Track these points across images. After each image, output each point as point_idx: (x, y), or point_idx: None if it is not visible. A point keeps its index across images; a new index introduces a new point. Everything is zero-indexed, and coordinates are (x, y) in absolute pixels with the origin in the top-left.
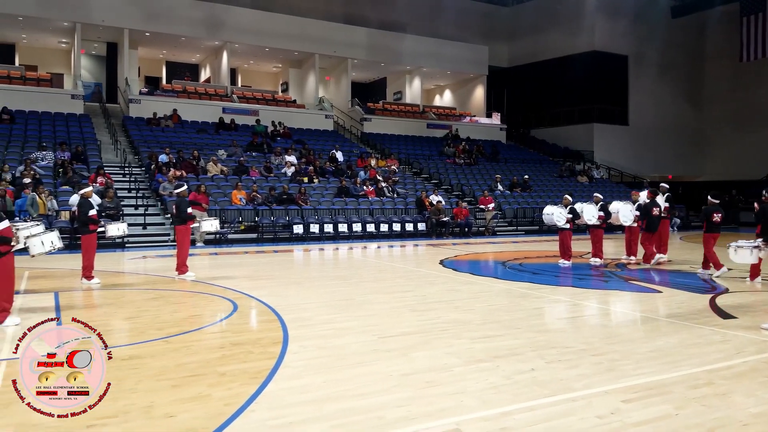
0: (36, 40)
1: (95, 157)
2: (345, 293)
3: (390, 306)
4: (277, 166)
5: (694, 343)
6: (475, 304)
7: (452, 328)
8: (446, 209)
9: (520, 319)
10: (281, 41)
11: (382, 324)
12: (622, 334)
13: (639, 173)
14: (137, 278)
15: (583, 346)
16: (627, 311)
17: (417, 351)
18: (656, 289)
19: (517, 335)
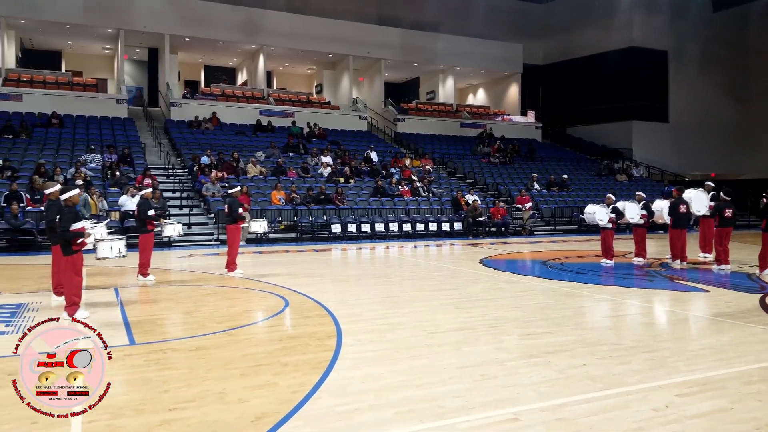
0: (81, 47)
1: (140, 159)
2: (390, 291)
3: (437, 303)
4: (314, 167)
5: (746, 341)
6: (520, 302)
7: (500, 324)
8: (482, 209)
9: (567, 317)
10: (315, 43)
11: (432, 320)
12: (671, 332)
13: (680, 171)
14: (189, 275)
15: (633, 343)
16: (674, 310)
17: (468, 346)
18: (703, 289)
19: (566, 332)
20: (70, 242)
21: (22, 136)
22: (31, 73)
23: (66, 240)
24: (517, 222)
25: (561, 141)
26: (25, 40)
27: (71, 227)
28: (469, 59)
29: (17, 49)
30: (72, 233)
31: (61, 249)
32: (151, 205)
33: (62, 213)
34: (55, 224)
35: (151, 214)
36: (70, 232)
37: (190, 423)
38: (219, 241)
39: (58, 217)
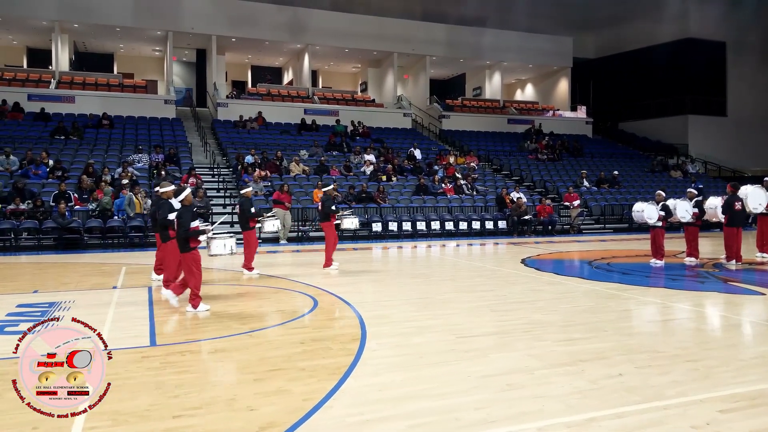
0: (132, 49)
1: (186, 159)
2: (424, 291)
3: (470, 305)
4: (357, 165)
5: None
6: (558, 305)
7: (534, 329)
8: (528, 207)
9: (608, 321)
10: (360, 41)
11: (462, 323)
12: (720, 339)
13: (739, 167)
14: (225, 274)
15: (676, 351)
16: (726, 314)
17: (497, 352)
18: (759, 291)
19: (604, 338)
20: (188, 240)
21: (73, 137)
22: (84, 75)
23: (185, 238)
24: (565, 220)
25: (613, 136)
26: (79, 44)
27: (190, 226)
28: (517, 54)
29: (71, 53)
30: (192, 231)
31: (179, 246)
32: (252, 203)
33: (180, 212)
34: (166, 222)
35: (253, 212)
36: (190, 231)
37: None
38: (260, 239)
39: (171, 215)
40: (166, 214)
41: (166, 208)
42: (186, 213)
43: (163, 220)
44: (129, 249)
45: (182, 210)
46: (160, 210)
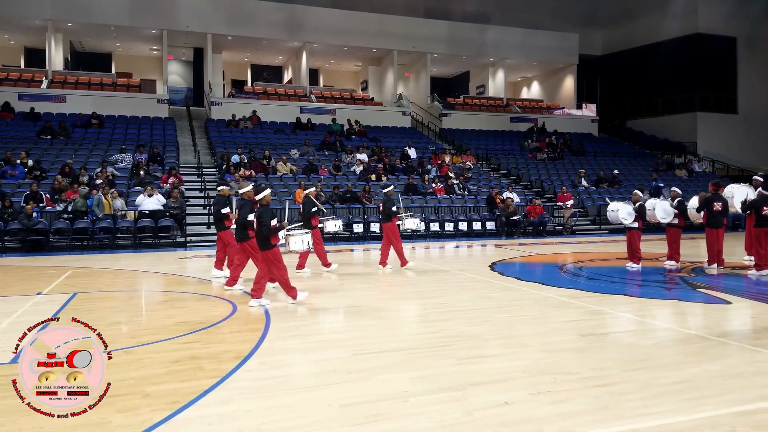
0: (130, 49)
1: (172, 159)
2: (362, 299)
3: (401, 315)
4: (348, 165)
5: (740, 372)
6: (497, 314)
7: (451, 343)
8: (517, 207)
9: (538, 334)
10: (359, 39)
11: (375, 337)
12: (652, 357)
13: (750, 165)
14: (166, 280)
15: (592, 373)
16: (675, 327)
17: (385, 373)
18: (726, 300)
19: (521, 355)
20: (269, 238)
21: (60, 137)
22: (77, 75)
23: (266, 236)
24: (559, 221)
25: (620, 135)
26: (75, 43)
27: (271, 224)
28: (521, 51)
29: (66, 52)
30: (273, 229)
31: (259, 244)
32: (314, 204)
33: (261, 212)
34: (246, 222)
35: (314, 211)
36: (271, 229)
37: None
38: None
39: (251, 215)
40: (246, 215)
41: (247, 209)
42: (266, 212)
43: (243, 220)
44: (97, 251)
45: (261, 210)
46: (241, 209)
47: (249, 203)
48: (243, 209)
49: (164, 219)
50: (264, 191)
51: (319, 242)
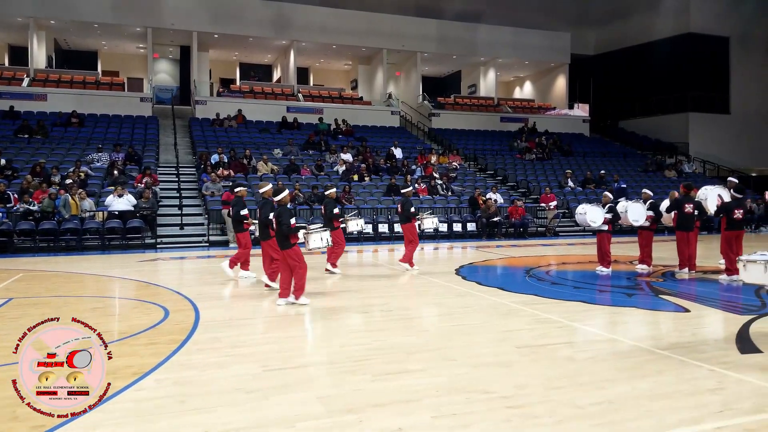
0: (116, 47)
1: (151, 158)
2: (305, 306)
3: (335, 324)
4: (332, 165)
5: (670, 392)
6: (439, 323)
7: (373, 357)
8: (498, 208)
9: (472, 345)
10: (348, 38)
11: (294, 350)
12: (583, 373)
13: (742, 166)
14: (114, 284)
15: (511, 391)
16: (620, 338)
17: (286, 393)
18: (685, 308)
19: (443, 370)
20: (289, 237)
21: (38, 136)
22: (59, 73)
23: (286, 235)
24: (543, 222)
25: (612, 135)
26: (60, 41)
27: (290, 223)
28: (512, 50)
29: (50, 50)
30: (293, 228)
31: (279, 243)
32: (336, 204)
33: (280, 211)
34: (269, 221)
35: (336, 212)
36: (291, 228)
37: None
38: (208, 243)
39: (271, 214)
40: (267, 214)
41: (267, 208)
42: (285, 211)
43: (264, 219)
44: (63, 253)
45: (281, 209)
46: (262, 209)
47: (269, 202)
48: (264, 208)
49: (133, 220)
50: (283, 191)
51: (340, 243)
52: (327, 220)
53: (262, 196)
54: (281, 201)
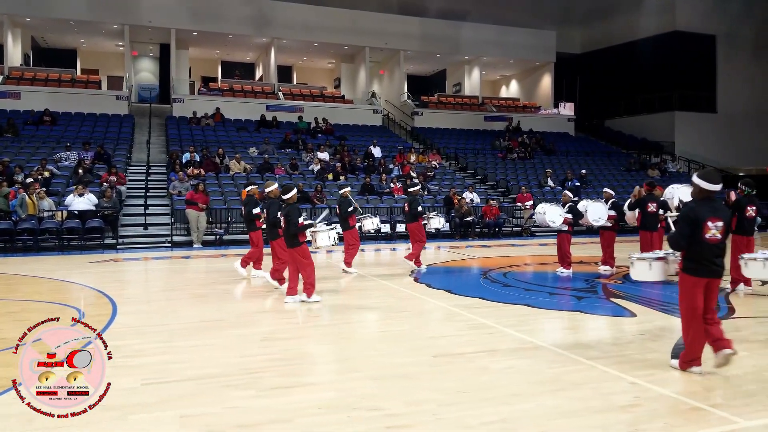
0: (94, 44)
1: (122, 157)
2: (232, 311)
3: (250, 331)
4: (307, 164)
5: (577, 409)
6: (365, 329)
7: (269, 369)
8: (471, 207)
9: (386, 354)
10: (330, 35)
11: (187, 361)
12: (493, 386)
13: (728, 165)
14: (44, 287)
15: (399, 409)
16: (548, 346)
17: (150, 411)
18: (632, 312)
19: (340, 384)
20: (297, 236)
21: (7, 134)
22: (34, 71)
23: (294, 234)
24: (519, 222)
25: (598, 134)
26: (38, 39)
27: (299, 222)
28: (496, 48)
29: (26, 48)
30: (301, 227)
31: (287, 242)
32: (351, 203)
33: (289, 210)
34: (277, 220)
35: (351, 211)
36: (299, 227)
37: None
38: (171, 243)
39: (278, 213)
40: (275, 213)
41: (275, 207)
42: (293, 211)
43: (273, 219)
44: (20, 254)
45: (289, 208)
46: (270, 209)
47: (277, 202)
48: (271, 208)
49: (93, 220)
50: (291, 191)
51: (355, 242)
52: (342, 219)
53: (268, 196)
54: (289, 201)
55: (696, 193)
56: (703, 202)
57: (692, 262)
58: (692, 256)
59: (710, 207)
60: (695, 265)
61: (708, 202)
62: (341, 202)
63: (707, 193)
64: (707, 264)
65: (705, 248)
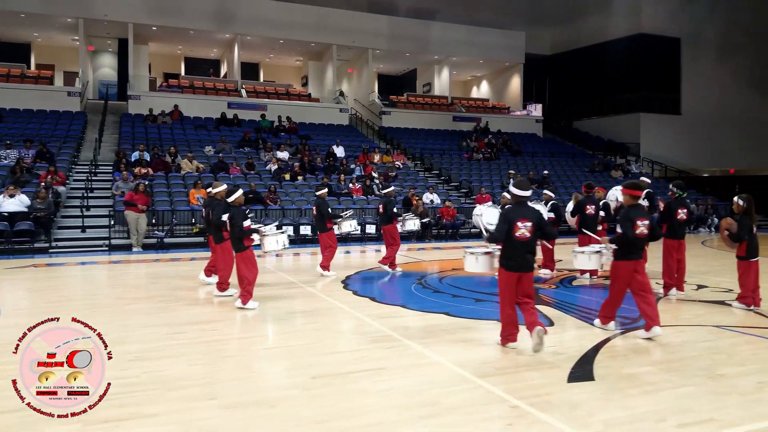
0: (49, 39)
1: (66, 156)
2: (126, 323)
3: (123, 350)
4: (265, 163)
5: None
6: (256, 345)
7: (115, 396)
8: (427, 209)
9: (261, 375)
10: (296, 32)
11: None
12: (362, 412)
13: (691, 167)
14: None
15: None
16: (444, 362)
17: None
18: (550, 320)
19: (183, 414)
20: (243, 239)
21: None
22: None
23: (239, 237)
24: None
25: (566, 135)
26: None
27: (244, 225)
28: (466, 48)
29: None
30: (247, 231)
31: (233, 246)
32: (329, 205)
33: (233, 213)
34: (222, 223)
35: (331, 213)
36: (245, 230)
37: None
38: (109, 247)
39: (225, 216)
40: (220, 215)
41: (220, 209)
42: (238, 213)
43: (217, 221)
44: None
45: (234, 211)
46: (214, 210)
47: (222, 203)
48: (216, 210)
49: (23, 222)
50: (236, 192)
51: (332, 245)
52: (320, 221)
53: (215, 197)
54: (234, 202)
55: (511, 198)
56: (517, 206)
57: (505, 258)
58: (506, 252)
59: (521, 210)
60: (507, 261)
61: (520, 205)
62: (319, 203)
63: (519, 198)
64: (518, 259)
65: (516, 245)
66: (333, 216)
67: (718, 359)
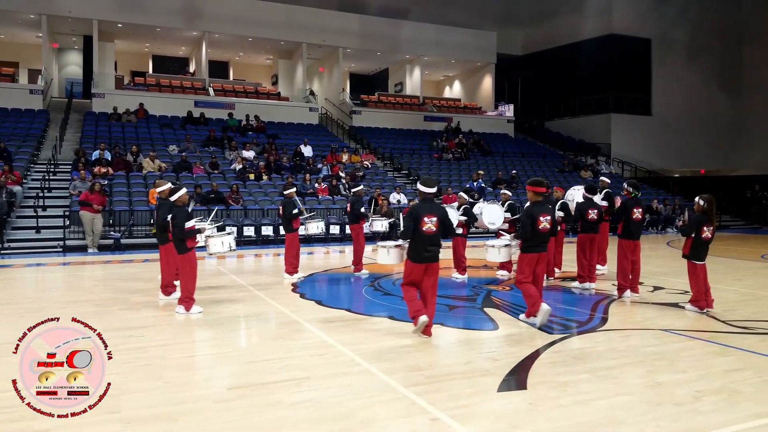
0: (12, 35)
1: (25, 155)
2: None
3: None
4: (230, 162)
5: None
6: (182, 353)
7: (13, 408)
8: (392, 209)
9: (174, 387)
10: (265, 30)
11: None
12: (249, 428)
13: (661, 167)
14: None
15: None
16: (374, 369)
17: None
18: (496, 324)
19: (81, 428)
20: (185, 240)
21: None
22: None
23: (181, 239)
24: None
25: (537, 135)
26: None
27: (185, 226)
28: (437, 48)
29: None
30: (188, 231)
31: (176, 247)
32: (296, 205)
33: (175, 212)
34: (165, 223)
35: (295, 213)
36: (186, 231)
37: None
38: (63, 248)
39: (169, 216)
40: (165, 215)
41: (165, 209)
42: (181, 213)
43: (162, 222)
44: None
45: (177, 210)
46: (159, 210)
47: (167, 203)
48: (161, 209)
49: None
50: (179, 191)
51: (295, 246)
52: (285, 221)
53: (159, 196)
54: (177, 201)
55: (419, 195)
56: (423, 202)
57: (412, 251)
58: (413, 245)
59: (428, 206)
60: (414, 253)
61: (427, 202)
62: (285, 203)
63: (426, 195)
64: (422, 251)
65: (422, 238)
66: (297, 215)
67: (659, 366)
